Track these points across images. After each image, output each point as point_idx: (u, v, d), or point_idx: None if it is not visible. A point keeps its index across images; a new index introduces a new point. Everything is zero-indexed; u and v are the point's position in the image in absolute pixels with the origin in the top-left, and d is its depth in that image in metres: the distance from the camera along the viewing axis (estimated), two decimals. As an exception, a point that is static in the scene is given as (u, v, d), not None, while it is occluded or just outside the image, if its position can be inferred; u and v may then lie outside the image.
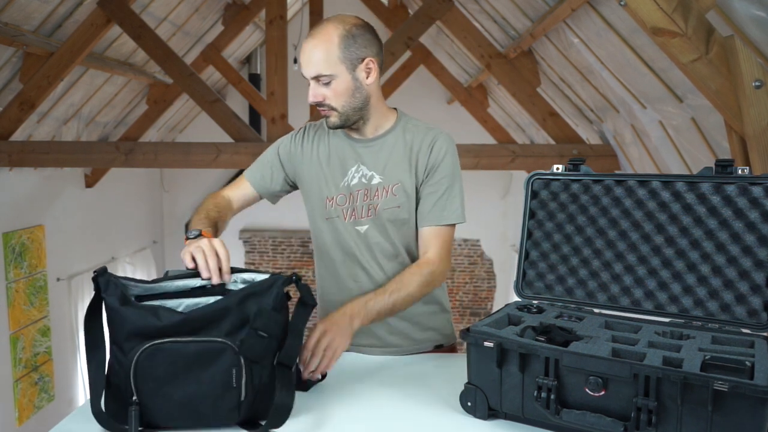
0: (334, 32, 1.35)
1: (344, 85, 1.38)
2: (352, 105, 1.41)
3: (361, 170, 1.47)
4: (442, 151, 1.45)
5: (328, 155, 1.50)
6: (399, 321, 1.52)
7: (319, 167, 1.51)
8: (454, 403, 1.17)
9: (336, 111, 1.40)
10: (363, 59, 1.39)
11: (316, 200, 1.52)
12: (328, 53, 1.35)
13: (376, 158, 1.47)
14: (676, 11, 1.70)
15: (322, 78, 1.37)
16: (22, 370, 4.66)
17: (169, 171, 7.67)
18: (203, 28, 5.75)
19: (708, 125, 2.33)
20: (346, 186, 1.47)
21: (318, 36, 1.36)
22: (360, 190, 1.46)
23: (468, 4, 4.05)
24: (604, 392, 1.00)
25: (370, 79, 1.41)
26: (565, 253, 1.33)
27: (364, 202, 1.46)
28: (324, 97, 1.38)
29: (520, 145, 3.86)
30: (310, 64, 1.36)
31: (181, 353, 1.06)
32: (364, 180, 1.46)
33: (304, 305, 1.14)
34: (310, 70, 1.37)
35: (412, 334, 1.54)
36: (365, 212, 1.46)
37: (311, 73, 1.37)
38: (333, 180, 1.49)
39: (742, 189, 1.15)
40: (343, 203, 1.48)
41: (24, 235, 4.72)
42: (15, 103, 3.66)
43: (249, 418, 1.11)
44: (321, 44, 1.35)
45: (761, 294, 1.13)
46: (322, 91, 1.38)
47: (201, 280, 1.15)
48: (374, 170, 1.46)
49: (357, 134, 1.49)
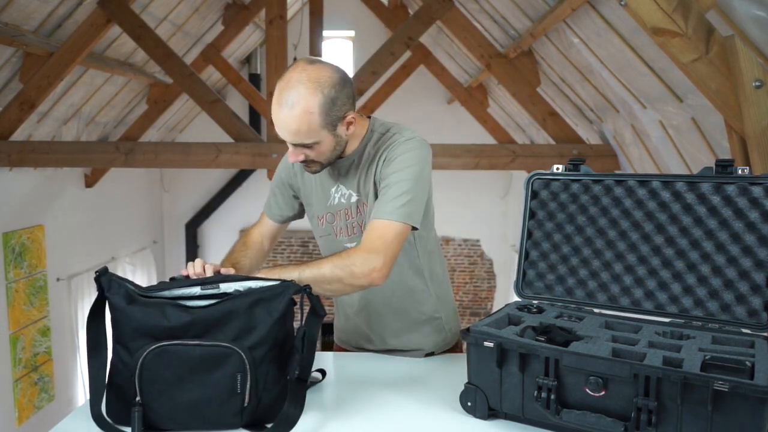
0: (313, 101, 1.26)
1: (327, 145, 1.34)
2: (335, 155, 1.38)
3: (341, 190, 1.47)
4: (395, 151, 1.37)
5: (318, 176, 1.50)
6: (381, 330, 1.54)
7: (310, 187, 1.53)
8: (454, 403, 1.17)
9: (319, 163, 1.38)
10: (344, 117, 1.33)
11: (311, 218, 1.56)
12: (310, 125, 1.28)
13: (351, 176, 1.44)
14: (676, 11, 1.70)
15: (304, 145, 1.33)
16: (22, 370, 4.66)
17: (169, 171, 7.67)
18: (203, 28, 5.74)
19: (708, 125, 2.33)
20: (331, 206, 1.49)
21: (296, 107, 1.26)
22: (341, 209, 1.47)
23: (468, 4, 4.05)
24: (604, 392, 1.00)
25: (350, 129, 1.37)
26: (565, 253, 1.33)
27: (347, 221, 1.46)
28: (306, 156, 1.35)
29: (520, 145, 3.86)
30: (291, 134, 1.30)
31: (187, 356, 1.06)
32: (343, 200, 1.46)
33: (315, 315, 1.13)
34: (291, 138, 1.32)
35: (402, 344, 1.55)
36: (350, 230, 1.47)
37: (293, 141, 1.32)
38: (319, 200, 1.51)
39: (742, 189, 1.15)
40: (332, 221, 1.50)
41: (24, 235, 4.72)
42: (15, 103, 3.65)
43: (251, 423, 1.11)
44: (302, 116, 1.27)
45: (761, 294, 1.13)
46: (305, 152, 1.34)
47: (201, 289, 1.14)
48: (351, 189, 1.45)
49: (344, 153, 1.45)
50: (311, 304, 1.14)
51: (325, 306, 1.18)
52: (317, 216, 1.52)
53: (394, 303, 1.51)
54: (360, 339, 1.59)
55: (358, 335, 1.59)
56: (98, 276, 1.09)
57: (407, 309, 1.52)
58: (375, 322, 1.54)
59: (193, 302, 1.11)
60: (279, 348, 1.12)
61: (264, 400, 1.10)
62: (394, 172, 1.34)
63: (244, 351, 1.07)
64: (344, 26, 7.37)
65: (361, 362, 1.48)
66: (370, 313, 1.53)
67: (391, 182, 1.33)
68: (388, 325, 1.53)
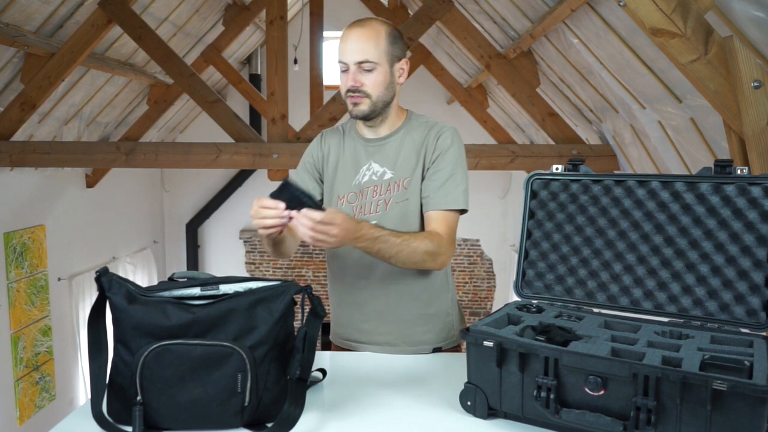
0: (381, 27, 1.46)
1: (383, 76, 1.46)
2: (383, 98, 1.48)
3: (373, 168, 1.54)
4: (447, 141, 1.51)
5: (342, 156, 1.58)
6: (396, 321, 1.55)
7: (333, 168, 1.59)
8: (454, 402, 1.18)
9: (369, 99, 1.46)
10: (401, 59, 1.50)
11: (330, 201, 1.59)
12: (378, 43, 1.44)
13: (387, 155, 1.54)
14: (675, 12, 1.70)
15: (366, 64, 1.43)
16: (23, 370, 4.67)
17: (169, 171, 7.67)
18: (204, 29, 5.75)
19: (707, 125, 2.33)
20: (357, 184, 1.55)
21: (367, 26, 1.45)
22: (370, 186, 1.53)
23: (468, 5, 4.05)
24: (604, 392, 1.00)
25: (401, 79, 1.51)
26: (564, 253, 1.33)
27: (374, 197, 1.52)
28: (362, 83, 1.45)
29: (519, 146, 3.86)
30: (358, 50, 1.43)
31: (188, 356, 1.06)
32: (375, 177, 1.53)
33: (316, 316, 1.14)
34: (356, 55, 1.43)
35: (409, 336, 1.56)
36: (374, 207, 1.52)
37: (358, 58, 1.43)
38: (345, 179, 1.56)
39: (741, 189, 1.15)
40: (353, 201, 1.55)
41: (25, 235, 4.73)
42: (16, 103, 3.66)
43: (251, 423, 1.11)
44: (371, 33, 1.44)
45: (760, 294, 1.13)
46: (362, 77, 1.44)
47: (200, 290, 1.15)
48: (386, 166, 1.53)
49: (371, 133, 1.56)
50: (312, 304, 1.15)
51: (325, 307, 1.19)
52: (338, 196, 1.57)
53: (421, 295, 1.55)
54: (370, 333, 1.57)
55: (368, 328, 1.57)
56: (99, 276, 1.10)
57: (430, 300, 1.57)
58: (394, 311, 1.55)
59: (193, 302, 1.12)
60: (280, 348, 1.12)
61: (264, 399, 1.10)
62: (451, 163, 1.49)
63: (244, 350, 1.08)
64: (344, 26, 7.34)
65: (361, 362, 1.49)
66: (391, 301, 1.54)
67: (451, 172, 1.48)
68: (404, 316, 1.55)
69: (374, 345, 1.56)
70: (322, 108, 3.86)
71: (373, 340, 1.57)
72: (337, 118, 3.72)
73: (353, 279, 1.57)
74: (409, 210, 1.52)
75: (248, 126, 3.80)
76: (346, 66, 1.46)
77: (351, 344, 1.61)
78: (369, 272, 1.54)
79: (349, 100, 1.48)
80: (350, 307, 1.60)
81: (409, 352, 1.54)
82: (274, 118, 3.69)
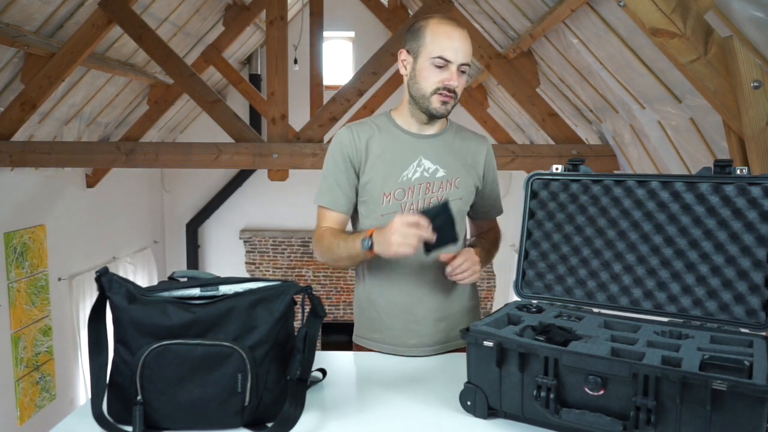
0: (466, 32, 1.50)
1: (466, 78, 1.50)
2: (458, 100, 1.51)
3: (423, 164, 1.53)
4: (492, 156, 1.64)
5: (384, 152, 1.53)
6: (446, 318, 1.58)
7: (376, 164, 1.52)
8: (454, 402, 1.18)
9: (455, 100, 1.50)
10: None
11: (371, 197, 1.53)
12: (471, 51, 1.49)
13: (439, 153, 1.55)
14: (675, 12, 1.70)
15: (464, 67, 1.47)
16: (24, 370, 4.67)
17: (169, 171, 7.67)
18: (204, 29, 5.75)
19: (707, 125, 2.33)
20: (406, 180, 1.52)
21: (465, 33, 1.47)
22: (422, 183, 1.52)
23: (467, 5, 4.05)
24: (604, 391, 1.00)
25: None
26: (564, 253, 1.33)
27: (426, 194, 1.52)
28: (458, 84, 1.47)
29: (519, 146, 3.86)
30: (464, 51, 1.45)
31: (188, 356, 1.06)
32: (426, 174, 1.52)
33: (316, 316, 1.14)
34: (462, 57, 1.45)
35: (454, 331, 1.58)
36: (424, 204, 1.51)
37: (463, 60, 1.45)
38: (391, 175, 1.52)
39: (741, 189, 1.15)
40: (401, 198, 1.52)
41: (25, 235, 4.73)
42: (16, 103, 3.66)
43: (252, 423, 1.11)
44: (468, 38, 1.47)
45: (760, 294, 1.13)
46: (459, 79, 1.47)
47: (200, 290, 1.15)
48: (438, 164, 1.53)
49: (422, 129, 1.55)
50: (312, 304, 1.15)
51: (325, 307, 1.19)
52: (384, 193, 1.51)
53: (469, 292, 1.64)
54: (402, 333, 1.55)
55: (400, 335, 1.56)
56: (99, 276, 1.10)
57: (472, 293, 1.65)
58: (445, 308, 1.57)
59: (193, 302, 1.12)
60: (280, 348, 1.12)
61: (264, 399, 1.10)
62: (496, 178, 1.67)
63: (244, 350, 1.08)
64: (344, 27, 7.37)
65: (361, 362, 1.49)
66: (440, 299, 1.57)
67: (498, 184, 1.68)
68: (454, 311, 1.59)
69: (424, 347, 1.55)
70: (322, 108, 3.86)
71: (423, 342, 1.56)
72: (337, 118, 3.72)
73: (404, 281, 1.54)
74: (462, 210, 1.56)
75: (248, 126, 3.80)
76: (445, 63, 1.44)
77: (398, 349, 1.55)
78: (422, 273, 1.55)
79: (439, 98, 1.46)
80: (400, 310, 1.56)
81: (455, 347, 1.58)
82: (274, 118, 3.69)
